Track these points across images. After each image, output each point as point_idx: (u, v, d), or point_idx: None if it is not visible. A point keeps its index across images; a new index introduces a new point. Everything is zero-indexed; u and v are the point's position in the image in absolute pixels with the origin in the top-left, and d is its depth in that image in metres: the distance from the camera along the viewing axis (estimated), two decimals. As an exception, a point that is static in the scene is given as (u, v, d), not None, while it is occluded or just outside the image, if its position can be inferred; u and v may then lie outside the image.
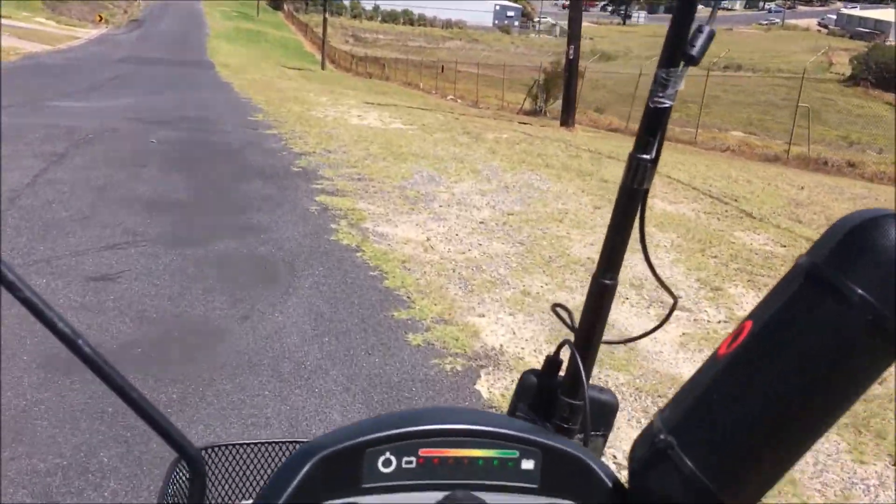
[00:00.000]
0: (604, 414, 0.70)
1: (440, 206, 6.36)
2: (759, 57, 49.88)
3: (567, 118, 14.87)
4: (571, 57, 14.28)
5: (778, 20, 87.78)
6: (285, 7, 73.78)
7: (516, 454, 0.56)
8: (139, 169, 6.99)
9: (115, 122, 9.86)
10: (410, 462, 0.55)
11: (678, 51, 0.57)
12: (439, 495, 0.54)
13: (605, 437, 0.71)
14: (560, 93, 24.22)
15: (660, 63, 0.59)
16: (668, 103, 0.59)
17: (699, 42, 0.56)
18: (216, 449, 0.83)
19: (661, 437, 0.52)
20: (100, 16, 47.99)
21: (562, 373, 0.70)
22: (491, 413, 0.73)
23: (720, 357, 0.51)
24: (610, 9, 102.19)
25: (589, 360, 0.68)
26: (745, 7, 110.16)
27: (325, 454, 0.54)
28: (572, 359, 0.67)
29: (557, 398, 0.69)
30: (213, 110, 12.36)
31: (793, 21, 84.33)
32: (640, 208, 0.63)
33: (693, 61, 0.57)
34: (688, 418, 0.52)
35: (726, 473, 0.49)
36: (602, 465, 0.58)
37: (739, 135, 20.70)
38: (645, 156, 0.62)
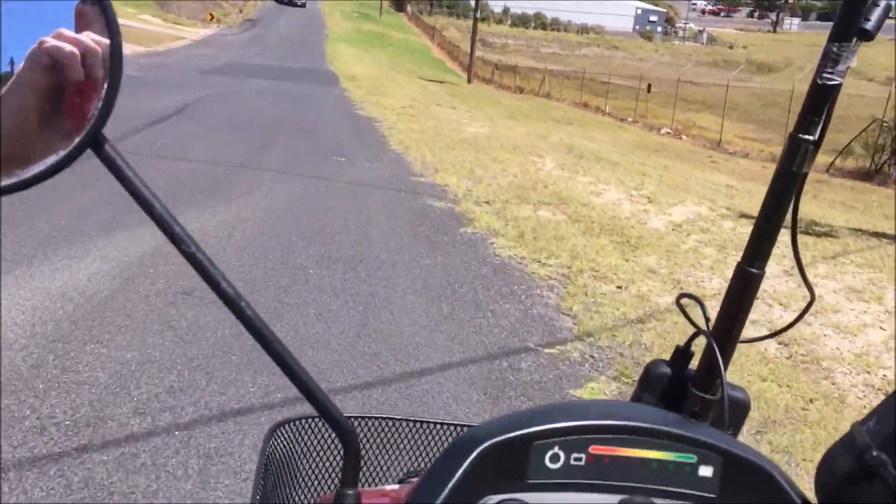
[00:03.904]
0: (737, 412, 0.65)
1: None
2: None
3: None
4: None
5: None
6: (408, 9, 67.16)
7: (694, 459, 0.52)
8: None
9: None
10: (580, 459, 0.51)
11: (853, 25, 0.53)
12: (610, 498, 0.51)
13: (735, 436, 0.65)
14: None
15: (831, 37, 0.55)
16: (837, 80, 0.55)
17: (875, 16, 0.53)
18: (359, 420, 0.81)
19: (874, 453, 0.47)
20: (211, 14, 42.72)
21: (689, 365, 0.67)
22: (667, 412, 0.60)
23: None
24: (756, 14, 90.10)
25: (727, 354, 0.64)
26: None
27: (493, 442, 0.50)
28: (709, 351, 0.63)
29: (687, 391, 0.65)
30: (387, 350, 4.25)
31: None
32: (796, 194, 0.59)
33: (867, 36, 0.53)
34: None
35: None
36: (787, 477, 0.53)
37: None
38: (807, 136, 0.57)
